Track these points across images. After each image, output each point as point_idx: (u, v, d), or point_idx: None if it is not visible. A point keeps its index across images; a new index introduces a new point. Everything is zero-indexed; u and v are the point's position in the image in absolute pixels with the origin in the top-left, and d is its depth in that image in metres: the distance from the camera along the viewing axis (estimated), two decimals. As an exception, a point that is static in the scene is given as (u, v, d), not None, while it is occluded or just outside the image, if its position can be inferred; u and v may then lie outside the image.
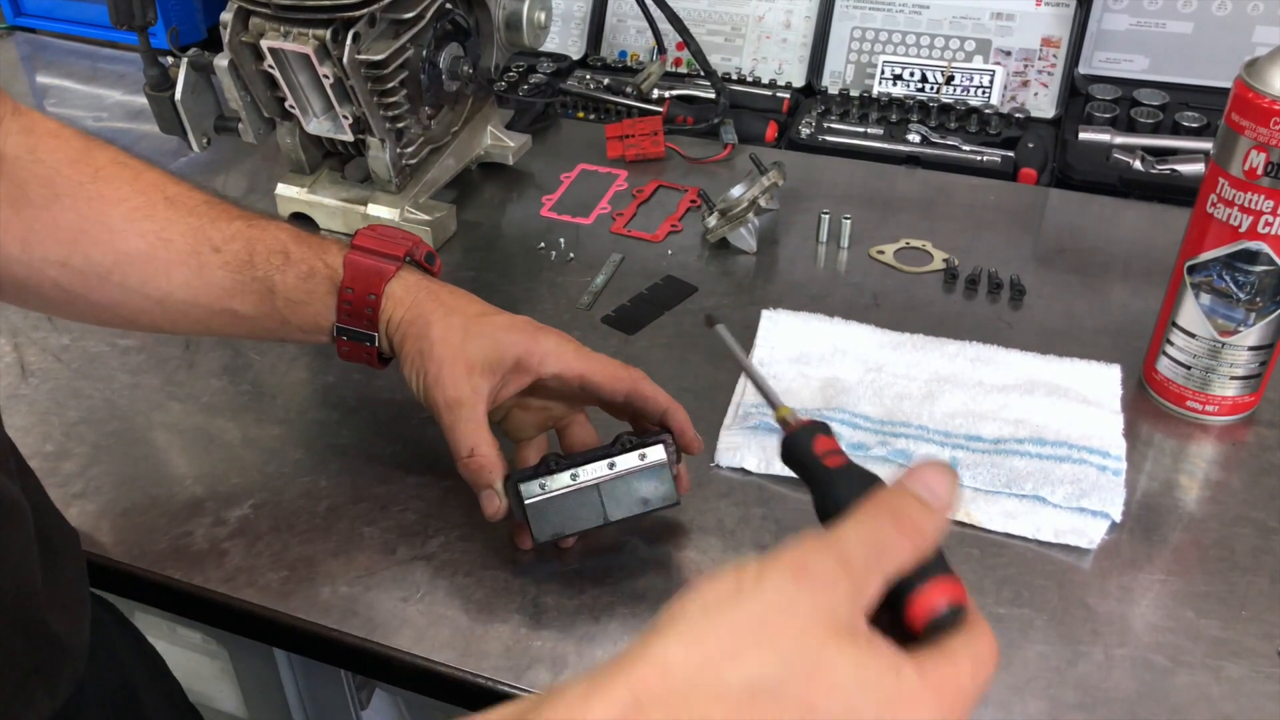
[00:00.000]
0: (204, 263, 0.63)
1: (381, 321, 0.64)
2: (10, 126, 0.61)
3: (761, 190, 0.89)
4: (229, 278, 0.63)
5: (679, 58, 1.19)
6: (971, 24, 1.13)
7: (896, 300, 0.86)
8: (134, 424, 0.76)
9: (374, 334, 0.64)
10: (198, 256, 0.63)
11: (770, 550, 0.35)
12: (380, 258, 0.64)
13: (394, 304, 0.64)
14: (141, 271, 0.62)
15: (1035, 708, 0.56)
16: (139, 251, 0.62)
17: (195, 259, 0.63)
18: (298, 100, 0.88)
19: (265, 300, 0.64)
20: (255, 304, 0.64)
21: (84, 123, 1.18)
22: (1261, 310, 0.68)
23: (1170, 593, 0.62)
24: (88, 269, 0.61)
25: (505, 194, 1.02)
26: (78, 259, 0.61)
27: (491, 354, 0.61)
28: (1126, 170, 0.99)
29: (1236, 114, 0.64)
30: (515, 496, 0.60)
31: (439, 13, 0.86)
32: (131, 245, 0.62)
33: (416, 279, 0.65)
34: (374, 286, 0.63)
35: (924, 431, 0.71)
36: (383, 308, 0.63)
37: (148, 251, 0.62)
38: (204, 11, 1.29)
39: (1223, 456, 0.71)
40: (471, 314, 0.63)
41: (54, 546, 0.55)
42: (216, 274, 0.63)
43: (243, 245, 0.63)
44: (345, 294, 0.63)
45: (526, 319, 0.64)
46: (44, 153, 0.61)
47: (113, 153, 0.64)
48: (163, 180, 0.65)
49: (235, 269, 0.63)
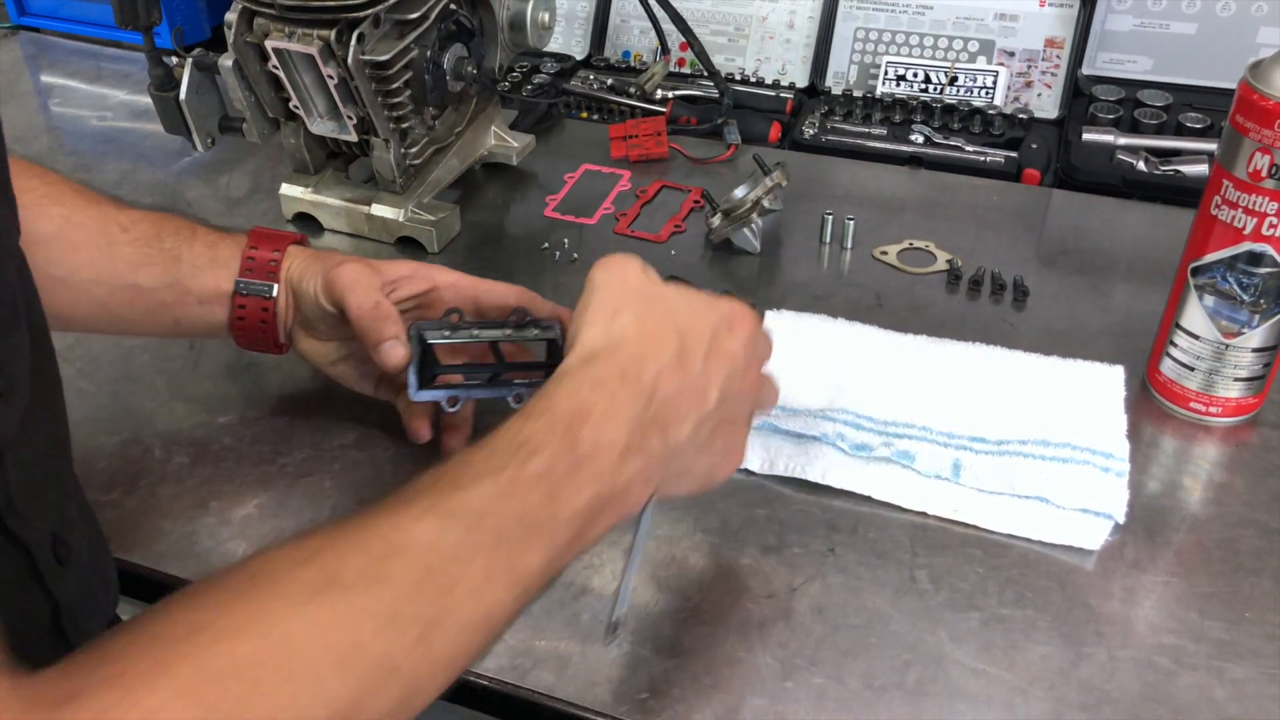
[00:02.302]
0: (112, 240, 0.66)
1: (282, 272, 0.68)
2: None
3: (765, 191, 0.89)
4: (135, 252, 0.67)
5: (682, 58, 1.19)
6: (975, 25, 1.13)
7: (900, 301, 0.86)
8: (137, 423, 0.76)
9: (273, 284, 0.68)
10: (105, 235, 0.67)
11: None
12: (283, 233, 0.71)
13: (295, 258, 0.69)
14: (47, 252, 0.64)
15: (1038, 709, 0.56)
16: (47, 233, 0.65)
17: (103, 238, 0.66)
18: (302, 101, 0.88)
19: (169, 270, 0.67)
20: (158, 275, 0.67)
21: (89, 123, 1.18)
22: (1265, 312, 0.68)
23: (1174, 594, 0.62)
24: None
25: (509, 194, 1.02)
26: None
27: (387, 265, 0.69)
28: (1130, 171, 0.99)
29: (1241, 116, 0.64)
30: (418, 342, 0.63)
31: (443, 13, 0.86)
32: (40, 228, 0.65)
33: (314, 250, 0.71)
34: (279, 245, 0.69)
35: (927, 432, 0.71)
36: (285, 264, 0.69)
37: (56, 233, 0.65)
38: (208, 12, 1.29)
39: (1226, 458, 0.71)
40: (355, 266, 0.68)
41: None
42: (124, 250, 0.66)
43: (150, 225, 0.68)
44: (249, 253, 0.68)
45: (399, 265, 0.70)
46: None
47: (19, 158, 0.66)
48: (70, 181, 0.69)
49: (143, 244, 0.67)
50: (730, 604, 0.61)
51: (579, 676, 0.58)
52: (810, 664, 0.58)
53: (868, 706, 0.56)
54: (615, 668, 0.58)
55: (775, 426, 0.71)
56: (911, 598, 0.62)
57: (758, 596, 0.62)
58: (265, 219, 0.99)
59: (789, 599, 0.62)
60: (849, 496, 0.68)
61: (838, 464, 0.69)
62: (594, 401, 0.49)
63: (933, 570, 0.63)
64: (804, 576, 0.63)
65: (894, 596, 0.62)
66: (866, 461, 0.69)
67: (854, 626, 0.60)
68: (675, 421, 0.51)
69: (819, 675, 0.57)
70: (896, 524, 0.66)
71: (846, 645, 0.59)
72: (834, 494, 0.68)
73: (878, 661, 0.58)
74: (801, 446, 0.70)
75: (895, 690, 0.57)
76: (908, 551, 0.64)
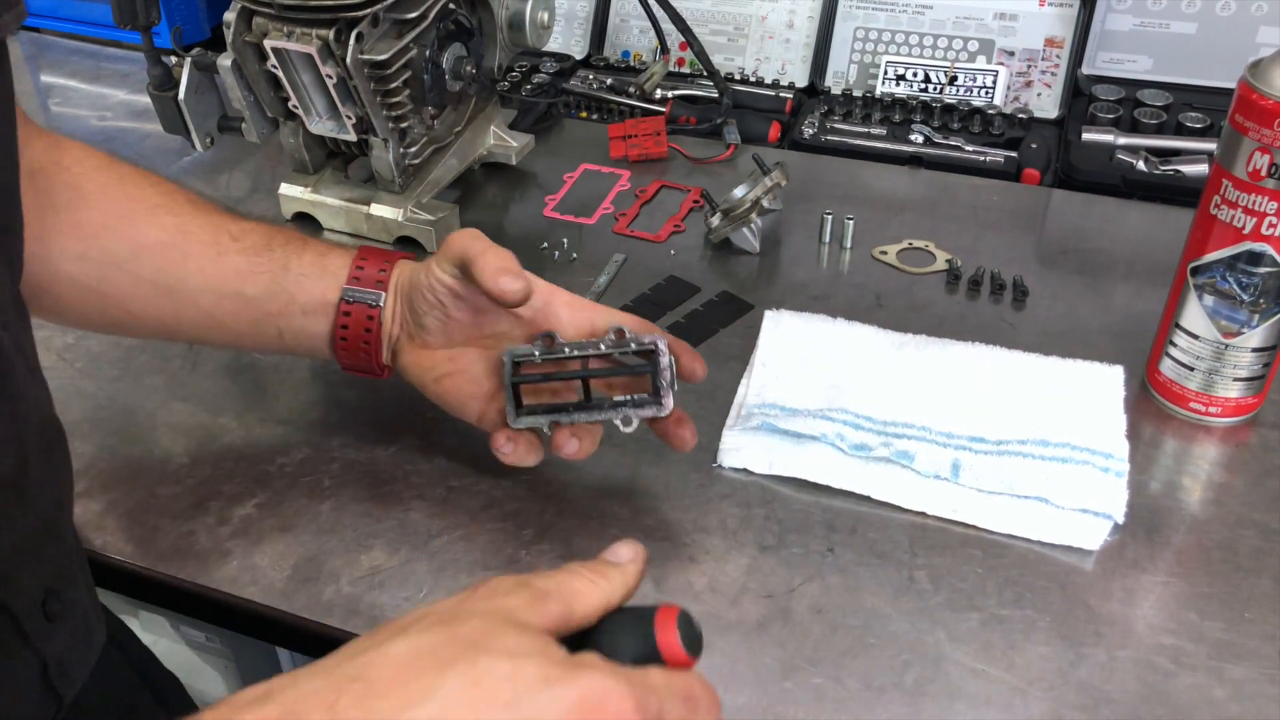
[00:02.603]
0: (222, 249, 0.66)
1: (391, 282, 0.66)
2: (37, 145, 0.63)
3: (764, 190, 0.89)
4: (245, 262, 0.66)
5: (682, 58, 1.19)
6: (974, 24, 1.13)
7: (899, 301, 0.86)
8: (138, 423, 0.76)
9: (380, 293, 0.66)
10: (216, 244, 0.66)
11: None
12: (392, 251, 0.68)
13: (404, 270, 0.66)
14: (158, 259, 0.65)
15: (1037, 709, 0.56)
16: (159, 241, 0.65)
17: (214, 246, 0.66)
18: (301, 100, 0.88)
19: (277, 279, 0.66)
20: (266, 284, 0.66)
21: (88, 122, 1.18)
22: (1265, 312, 0.68)
23: (1173, 595, 0.61)
24: (104, 259, 0.64)
25: (508, 194, 1.02)
26: (95, 251, 0.63)
27: None
28: (1130, 171, 0.99)
29: (1240, 115, 0.64)
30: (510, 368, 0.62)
31: (442, 13, 0.86)
32: (152, 236, 0.65)
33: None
34: (388, 259, 0.67)
35: (926, 432, 0.70)
36: (394, 275, 0.66)
37: (168, 240, 0.65)
38: (207, 11, 1.29)
39: (1226, 458, 0.71)
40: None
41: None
42: (233, 259, 0.65)
43: (261, 235, 0.67)
44: (358, 263, 0.66)
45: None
46: (70, 161, 0.64)
47: (134, 166, 0.68)
48: (182, 188, 0.68)
49: (253, 253, 0.66)
50: (729, 604, 0.61)
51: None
52: (809, 664, 0.58)
53: (866, 706, 0.56)
54: (614, 668, 0.58)
55: (774, 426, 0.71)
56: (910, 598, 0.62)
57: (756, 596, 0.62)
58: (265, 219, 0.98)
59: (788, 599, 0.62)
60: (848, 496, 0.68)
61: (837, 464, 0.69)
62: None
63: (932, 570, 0.63)
64: (803, 576, 0.63)
65: (893, 596, 0.62)
66: (866, 461, 0.69)
67: (853, 626, 0.60)
68: None
69: (818, 675, 0.57)
70: (896, 524, 0.66)
71: (845, 645, 0.59)
72: (833, 494, 0.68)
73: (877, 661, 0.58)
74: (800, 446, 0.70)
75: (894, 690, 0.57)
76: (907, 551, 0.64)
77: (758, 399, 0.74)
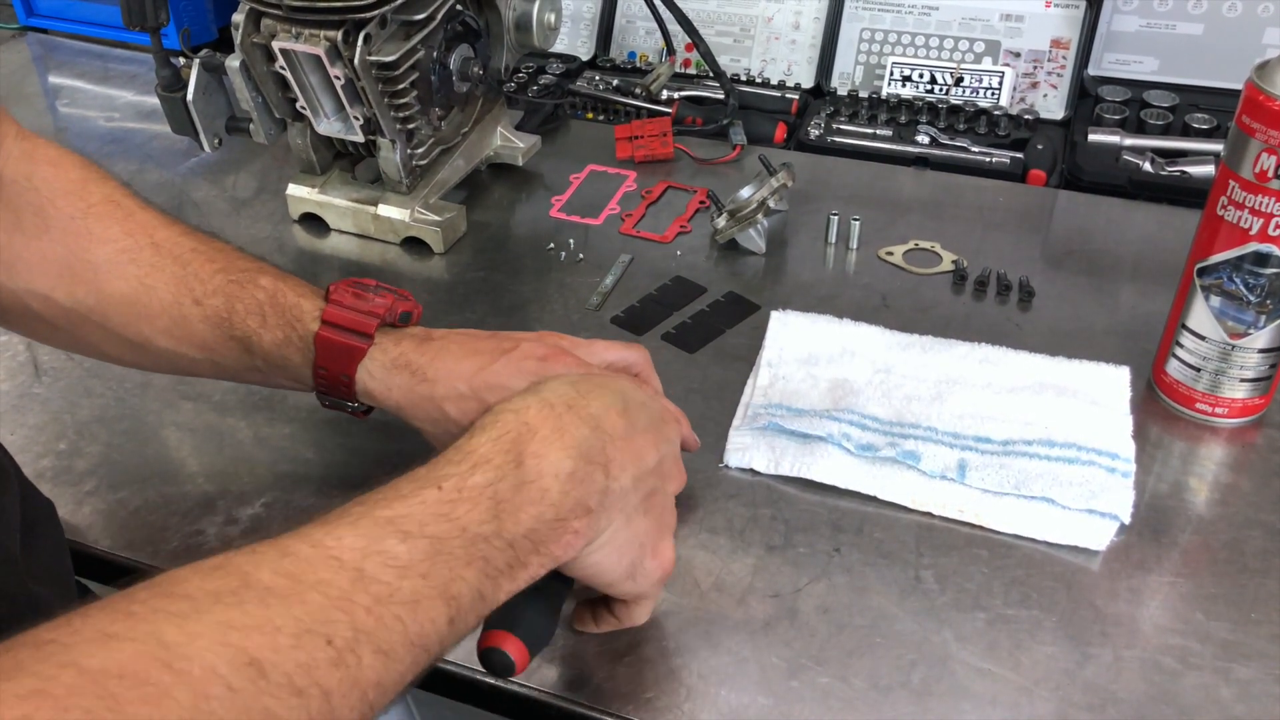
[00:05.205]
0: (185, 315, 0.63)
1: (359, 394, 0.63)
2: (12, 149, 0.61)
3: (770, 191, 0.89)
4: (209, 332, 0.63)
5: (688, 59, 1.19)
6: (980, 25, 1.13)
7: (905, 301, 0.86)
8: (146, 423, 0.76)
9: (353, 402, 0.64)
10: (179, 308, 0.63)
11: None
12: (351, 334, 0.62)
13: (370, 381, 0.62)
14: (123, 315, 0.62)
15: (1044, 709, 0.56)
16: (122, 294, 0.62)
17: (177, 309, 0.63)
18: (309, 101, 0.88)
19: (244, 357, 0.64)
20: (236, 358, 0.64)
21: (96, 123, 1.19)
22: (1272, 313, 0.68)
23: (1179, 595, 0.62)
24: (72, 306, 0.62)
25: (515, 195, 1.02)
26: (61, 294, 0.61)
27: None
28: (1136, 172, 0.99)
29: (1247, 116, 0.64)
30: None
31: (449, 14, 0.86)
32: (115, 288, 0.62)
33: (391, 354, 0.62)
34: (346, 368, 0.62)
35: (933, 433, 0.71)
36: (358, 386, 0.63)
37: (131, 295, 0.62)
38: (215, 13, 1.30)
39: (1232, 459, 0.71)
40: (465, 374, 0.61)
41: (30, 516, 0.56)
42: (197, 327, 0.63)
43: (222, 302, 0.63)
44: (319, 371, 0.63)
45: (522, 344, 0.63)
46: (40, 181, 0.62)
47: (109, 189, 0.64)
48: (154, 222, 0.64)
49: (214, 324, 0.63)
50: (735, 603, 0.62)
51: (586, 676, 0.58)
52: (816, 664, 0.58)
53: (873, 706, 0.56)
54: (622, 667, 0.58)
55: (781, 426, 0.71)
56: (917, 598, 0.62)
57: (763, 596, 0.62)
58: (272, 219, 0.99)
59: (794, 599, 0.62)
60: (854, 496, 0.68)
61: (843, 464, 0.69)
62: (540, 423, 0.48)
63: (938, 570, 0.63)
64: (809, 576, 0.63)
65: (899, 596, 0.62)
66: (872, 462, 0.69)
67: (859, 626, 0.60)
68: (618, 463, 0.49)
69: (824, 675, 0.58)
70: (902, 524, 0.66)
71: (852, 645, 0.59)
72: (839, 494, 0.68)
73: (883, 661, 0.58)
74: (807, 446, 0.70)
75: (901, 690, 0.57)
76: (913, 551, 0.64)
77: (764, 399, 0.74)
